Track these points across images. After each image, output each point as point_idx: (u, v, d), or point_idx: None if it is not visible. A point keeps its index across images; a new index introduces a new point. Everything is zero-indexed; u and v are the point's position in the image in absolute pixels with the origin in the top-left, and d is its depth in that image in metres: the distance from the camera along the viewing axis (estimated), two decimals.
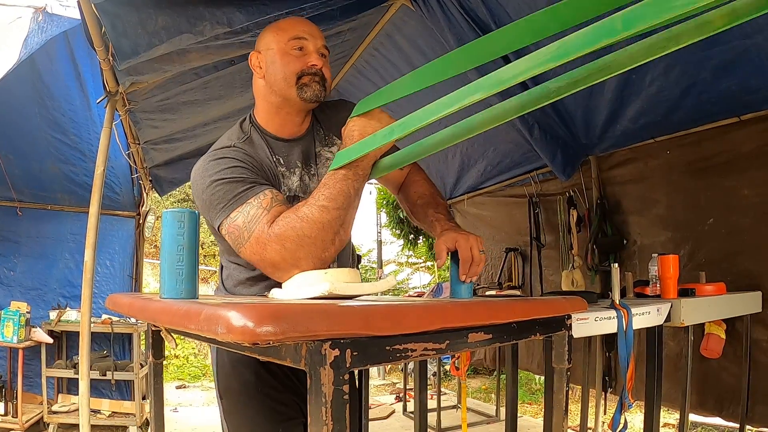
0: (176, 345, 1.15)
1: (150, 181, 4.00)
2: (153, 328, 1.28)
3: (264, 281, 1.24)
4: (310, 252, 1.05)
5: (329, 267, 1.30)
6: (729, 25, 0.58)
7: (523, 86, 0.82)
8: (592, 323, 1.62)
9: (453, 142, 0.99)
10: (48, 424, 3.80)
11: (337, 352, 0.62)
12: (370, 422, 3.79)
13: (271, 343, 0.57)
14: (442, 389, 4.87)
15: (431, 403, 3.91)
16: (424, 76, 0.99)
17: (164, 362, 1.38)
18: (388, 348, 0.69)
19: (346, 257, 1.37)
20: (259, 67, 1.24)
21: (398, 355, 0.70)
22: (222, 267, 1.36)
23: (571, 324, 1.07)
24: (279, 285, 1.11)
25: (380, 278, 8.41)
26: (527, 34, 0.76)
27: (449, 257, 1.19)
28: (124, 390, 4.24)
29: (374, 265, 9.46)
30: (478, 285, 3.70)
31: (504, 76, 0.72)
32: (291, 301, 0.85)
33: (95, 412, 3.98)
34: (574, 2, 0.69)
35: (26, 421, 3.60)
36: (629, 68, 0.68)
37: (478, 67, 0.87)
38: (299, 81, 1.20)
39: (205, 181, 1.14)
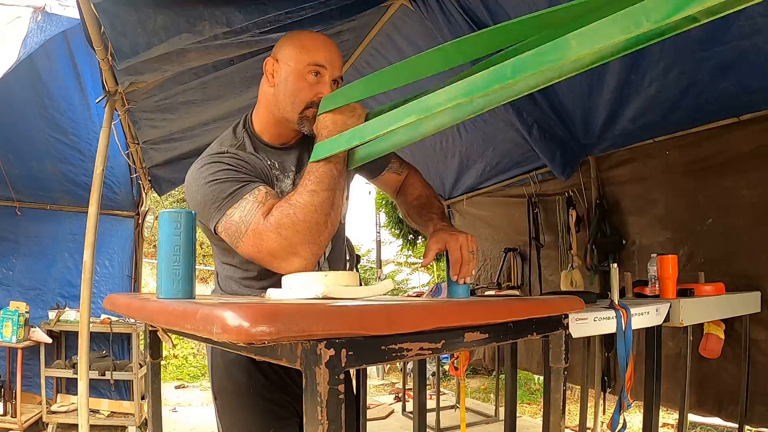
0: (173, 345, 1.15)
1: (149, 181, 4.00)
2: (151, 329, 1.28)
3: (259, 281, 1.25)
4: (305, 237, 1.06)
5: (325, 261, 1.32)
6: (596, 63, 0.76)
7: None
8: (591, 323, 1.62)
9: (412, 141, 1.13)
10: (47, 424, 3.80)
11: (332, 351, 0.62)
12: (368, 422, 3.79)
13: (266, 342, 0.58)
14: (441, 389, 4.87)
15: (430, 403, 3.90)
16: (375, 82, 1.13)
17: (163, 362, 1.38)
18: (383, 348, 0.69)
19: (340, 258, 1.38)
20: (272, 75, 1.25)
21: (394, 354, 0.70)
22: (217, 273, 1.37)
23: (568, 323, 1.07)
24: (275, 286, 1.12)
25: (379, 278, 8.40)
26: (441, 62, 1.01)
27: (444, 257, 1.19)
28: (123, 390, 4.24)
29: (373, 265, 9.45)
30: (476, 285, 3.70)
31: (429, 104, 0.89)
32: (286, 301, 0.85)
33: (94, 412, 3.97)
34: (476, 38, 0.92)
35: (25, 421, 3.60)
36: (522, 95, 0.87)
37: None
38: (304, 111, 1.21)
39: (198, 183, 1.15)
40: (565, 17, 0.77)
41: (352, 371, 1.71)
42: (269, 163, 1.26)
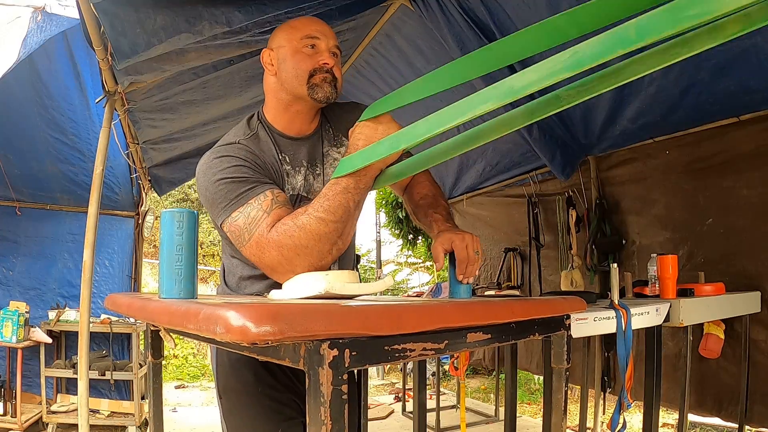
0: (175, 345, 1.15)
1: (149, 180, 3.99)
2: (152, 328, 1.28)
3: (265, 280, 1.24)
4: (306, 261, 1.06)
5: (329, 269, 1.31)
6: (742, 31, 0.57)
7: (530, 95, 0.82)
8: (591, 323, 1.62)
9: (460, 151, 0.97)
10: (47, 424, 3.79)
11: (335, 352, 0.62)
12: (369, 422, 3.79)
13: (269, 343, 0.57)
14: (441, 389, 4.87)
15: (430, 403, 3.90)
16: (433, 81, 0.98)
17: (163, 362, 1.38)
18: (386, 348, 0.69)
19: (349, 260, 1.37)
20: (271, 64, 1.26)
21: (397, 355, 0.70)
22: (224, 265, 1.37)
23: (569, 324, 1.08)
24: (280, 286, 1.12)
25: (379, 278, 8.40)
26: (537, 42, 0.75)
27: (447, 258, 1.19)
28: (123, 390, 4.24)
29: (373, 265, 9.45)
30: (477, 285, 3.70)
31: (516, 85, 0.69)
32: (289, 302, 0.85)
33: (94, 411, 3.97)
34: (586, 9, 0.67)
35: (25, 421, 3.60)
36: (642, 75, 0.66)
37: (485, 75, 0.87)
38: (311, 80, 1.20)
39: (208, 178, 1.16)
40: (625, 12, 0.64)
41: (355, 371, 1.71)
42: (280, 156, 1.25)
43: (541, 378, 4.75)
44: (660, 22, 0.55)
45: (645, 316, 1.77)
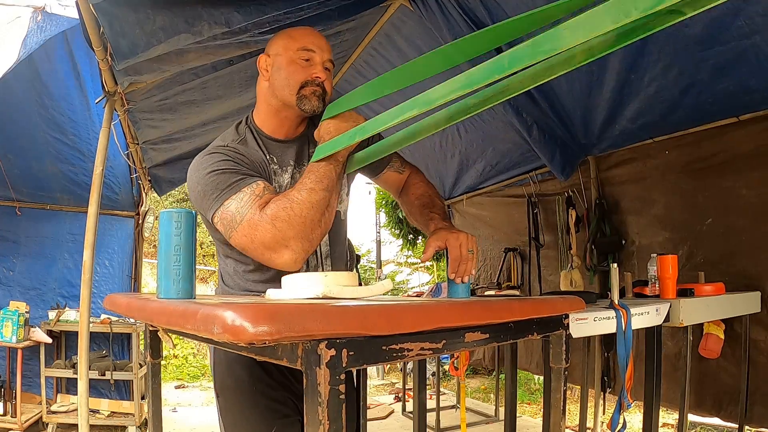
0: (174, 345, 1.15)
1: (149, 181, 3.99)
2: (151, 329, 1.28)
3: (261, 274, 1.26)
4: (299, 231, 1.09)
5: (327, 260, 1.33)
6: (588, 59, 0.76)
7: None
8: (591, 323, 1.62)
9: (410, 142, 1.14)
10: (47, 424, 3.80)
11: (333, 351, 0.62)
12: (368, 422, 3.79)
13: (267, 343, 0.58)
14: (441, 389, 4.87)
15: (430, 403, 3.90)
16: (377, 87, 1.15)
17: (163, 362, 1.38)
18: (384, 348, 0.69)
19: (342, 258, 1.38)
20: (266, 70, 1.30)
21: (395, 354, 0.70)
22: (219, 267, 1.38)
23: (568, 324, 1.08)
24: (276, 281, 1.12)
25: (379, 278, 8.41)
26: (442, 62, 0.99)
27: (444, 257, 1.20)
28: (123, 390, 4.24)
29: (373, 265, 9.46)
30: (476, 285, 3.70)
31: (432, 97, 0.91)
32: (287, 302, 0.85)
33: (94, 411, 3.97)
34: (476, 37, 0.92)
35: (25, 421, 3.60)
36: (520, 92, 0.87)
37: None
38: (301, 91, 1.25)
39: (200, 173, 1.19)
40: (561, 12, 0.80)
41: (354, 371, 1.71)
42: (268, 157, 1.29)
43: (541, 378, 4.75)
44: (524, 54, 0.75)
45: (645, 316, 1.77)
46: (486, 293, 2.56)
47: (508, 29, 0.88)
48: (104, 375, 3.84)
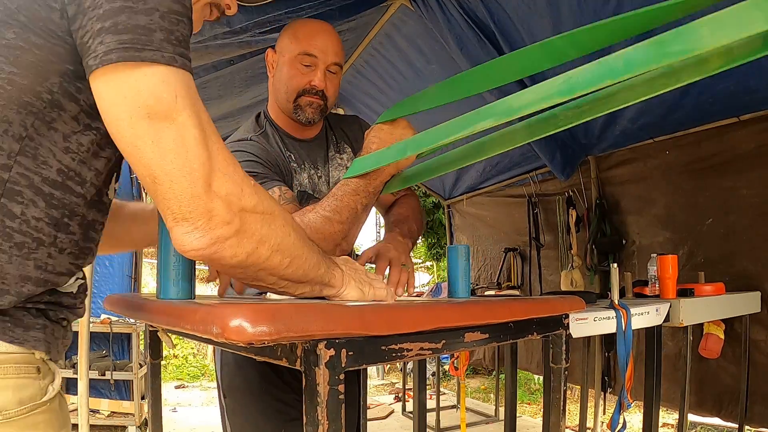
0: (174, 345, 1.15)
1: None
2: (150, 329, 1.28)
3: None
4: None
5: None
6: (726, 66, 0.59)
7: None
8: (591, 323, 1.62)
9: (466, 162, 1.00)
10: None
11: (332, 351, 0.62)
12: (368, 422, 3.79)
13: (266, 343, 0.57)
14: (441, 389, 4.87)
15: (430, 403, 3.90)
16: (447, 90, 1.00)
17: (163, 362, 1.38)
18: (383, 348, 0.69)
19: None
20: (272, 66, 1.28)
21: (394, 354, 0.70)
22: None
23: (568, 323, 1.07)
24: None
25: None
26: (541, 60, 0.79)
27: (445, 258, 1.20)
28: (123, 390, 4.24)
29: (373, 265, 9.43)
30: (476, 285, 3.70)
31: (514, 105, 0.73)
32: (286, 301, 0.85)
33: (94, 411, 3.97)
34: (591, 30, 0.72)
35: None
36: (633, 103, 0.69)
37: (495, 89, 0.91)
38: (297, 99, 1.22)
39: None
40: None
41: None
42: (287, 154, 1.28)
43: (541, 378, 4.74)
44: (646, 56, 0.59)
45: (645, 316, 1.77)
46: (486, 293, 2.56)
47: (635, 22, 0.71)
48: (104, 375, 3.84)
